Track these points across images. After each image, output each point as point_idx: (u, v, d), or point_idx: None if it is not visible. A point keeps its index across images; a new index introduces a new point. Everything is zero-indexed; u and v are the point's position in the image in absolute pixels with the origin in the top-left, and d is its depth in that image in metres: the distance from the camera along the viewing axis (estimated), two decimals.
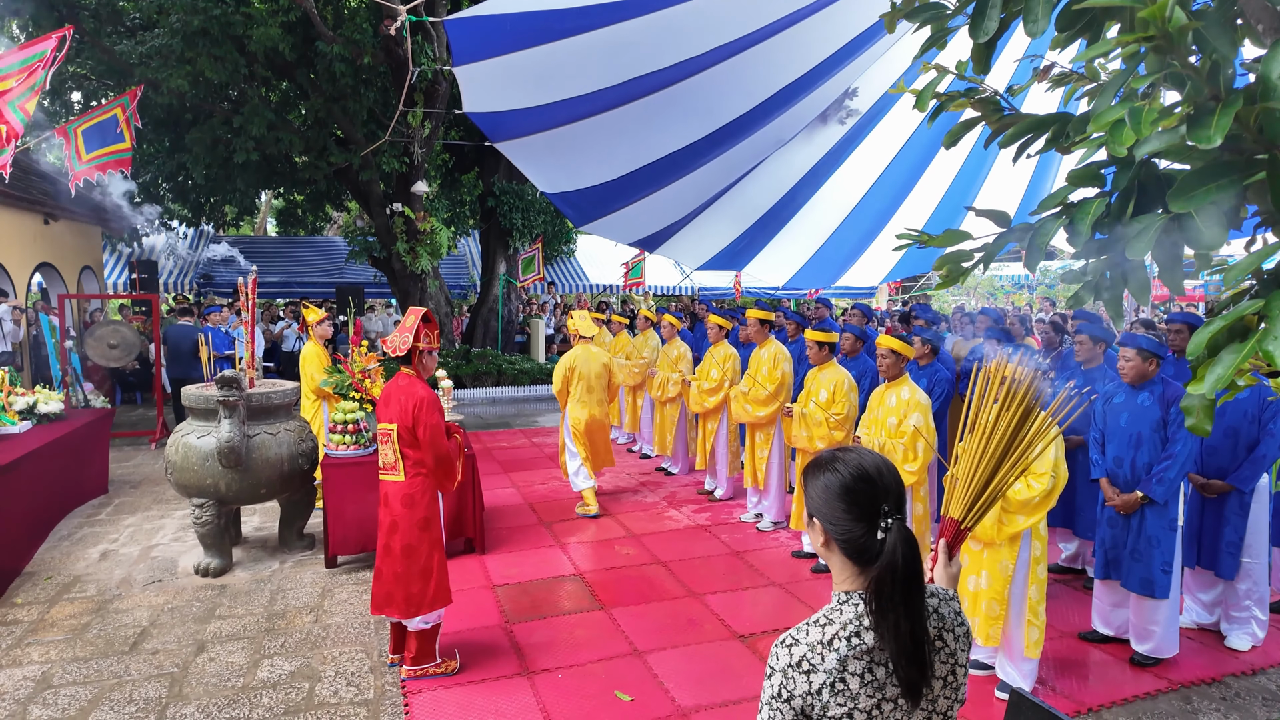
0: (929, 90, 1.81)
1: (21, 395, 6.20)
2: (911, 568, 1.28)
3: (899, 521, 1.31)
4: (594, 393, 6.30)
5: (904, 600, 1.27)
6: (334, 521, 5.06)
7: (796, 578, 5.03)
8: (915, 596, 1.28)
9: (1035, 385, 1.56)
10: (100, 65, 10.90)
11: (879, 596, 1.28)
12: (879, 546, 1.31)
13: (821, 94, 6.11)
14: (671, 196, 7.25)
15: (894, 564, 1.27)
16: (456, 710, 3.47)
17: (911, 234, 1.60)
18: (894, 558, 1.28)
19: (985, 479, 1.57)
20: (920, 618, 1.28)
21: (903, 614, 1.26)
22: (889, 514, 1.31)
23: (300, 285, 16.24)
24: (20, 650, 4.02)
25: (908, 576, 1.27)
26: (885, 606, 1.27)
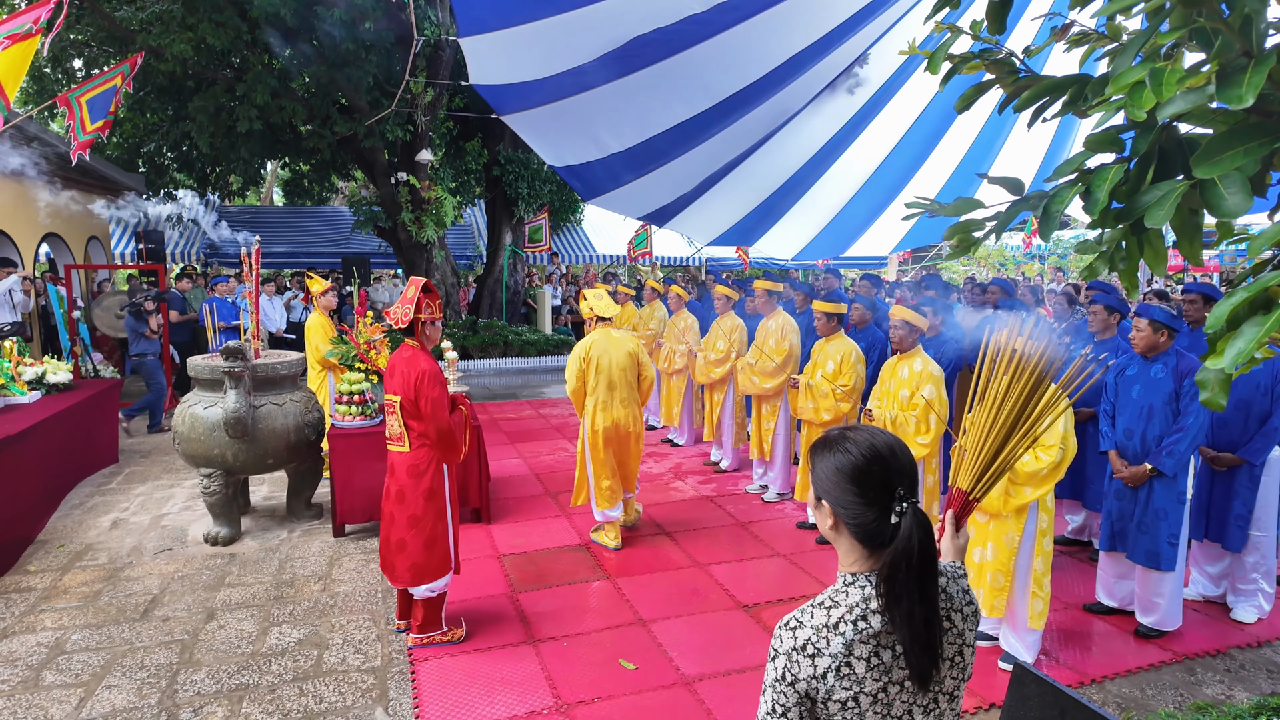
0: (942, 51, 1.75)
1: (31, 365, 6.24)
2: (926, 554, 1.24)
3: (914, 505, 1.27)
4: (617, 390, 4.90)
5: (919, 587, 1.23)
6: (341, 491, 5.10)
7: (801, 549, 5.04)
8: (929, 583, 1.25)
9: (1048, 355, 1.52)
10: (100, 32, 10.76)
11: (892, 583, 1.25)
12: (892, 531, 1.26)
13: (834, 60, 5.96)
14: (681, 170, 7.13)
15: (909, 550, 1.23)
16: (463, 677, 3.50)
17: (922, 202, 1.55)
18: (909, 544, 1.23)
19: (994, 450, 1.54)
20: (934, 605, 1.25)
21: (917, 601, 1.23)
22: (903, 497, 1.27)
23: (307, 255, 16.20)
24: (34, 617, 4.08)
25: (923, 562, 1.24)
26: (899, 593, 1.24)
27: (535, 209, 14.34)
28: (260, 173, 15.73)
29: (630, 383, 4.96)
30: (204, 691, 3.40)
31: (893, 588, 1.24)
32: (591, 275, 19.12)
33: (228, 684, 3.46)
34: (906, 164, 6.76)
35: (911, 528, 1.24)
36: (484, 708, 3.28)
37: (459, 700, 3.33)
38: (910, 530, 1.24)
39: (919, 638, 1.23)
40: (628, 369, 4.95)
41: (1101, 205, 1.38)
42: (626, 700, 3.34)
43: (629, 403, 4.96)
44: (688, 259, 19.18)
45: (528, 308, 15.57)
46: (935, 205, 1.53)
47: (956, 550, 1.53)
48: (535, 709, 3.27)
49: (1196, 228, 1.46)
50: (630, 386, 4.97)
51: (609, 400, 4.92)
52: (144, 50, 9.08)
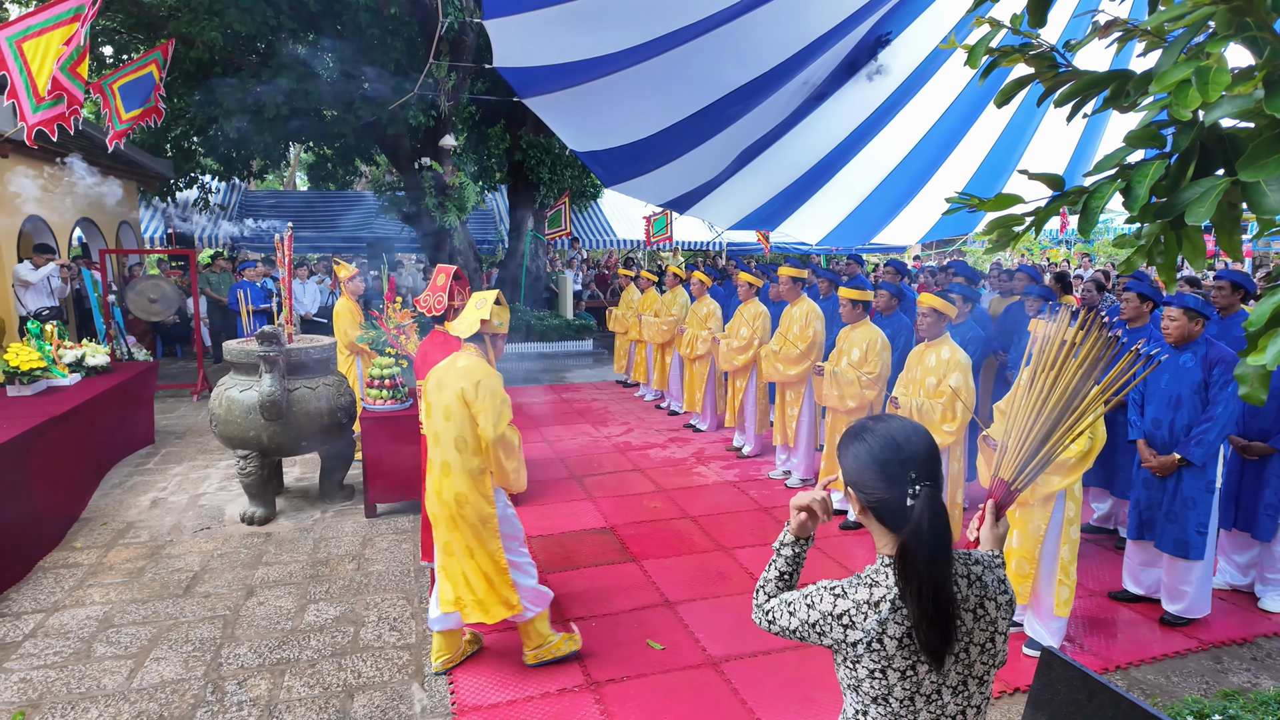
0: (981, 46, 1.76)
1: (70, 348, 6.40)
2: (937, 534, 1.30)
3: (928, 489, 1.33)
4: (441, 443, 3.23)
5: (928, 566, 1.29)
6: (373, 472, 5.21)
7: (825, 534, 5.09)
8: (940, 563, 1.30)
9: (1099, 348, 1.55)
10: (130, 18, 10.89)
11: (903, 561, 1.32)
12: (908, 514, 1.34)
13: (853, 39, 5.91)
14: (703, 156, 7.13)
15: (919, 530, 1.30)
16: (495, 656, 3.60)
17: (962, 198, 1.57)
18: (919, 525, 1.31)
19: (1039, 441, 1.57)
20: (944, 584, 1.30)
21: (926, 579, 1.29)
22: (916, 481, 1.34)
23: (331, 240, 16.37)
24: (82, 591, 4.23)
25: (932, 543, 1.30)
26: (909, 572, 1.31)
27: (557, 194, 14.36)
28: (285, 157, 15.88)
29: (459, 434, 3.20)
30: (247, 665, 3.52)
31: (905, 566, 1.31)
32: (613, 260, 19.14)
33: (269, 658, 3.58)
34: (934, 154, 6.71)
35: (923, 510, 1.31)
36: (517, 685, 3.37)
37: (492, 678, 3.42)
38: (921, 512, 1.31)
39: (927, 614, 1.29)
40: (452, 412, 3.20)
41: (1142, 201, 1.39)
42: (655, 679, 3.42)
43: (453, 471, 3.22)
44: (707, 244, 19.13)
45: (549, 293, 15.64)
46: (975, 200, 1.55)
47: (995, 539, 1.57)
48: (566, 686, 3.36)
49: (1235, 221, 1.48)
50: (459, 438, 3.20)
51: (434, 453, 3.30)
52: (174, 37, 9.19)
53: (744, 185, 7.80)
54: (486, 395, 3.19)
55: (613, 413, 8.63)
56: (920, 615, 1.30)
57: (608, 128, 6.65)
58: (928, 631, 1.30)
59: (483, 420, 3.17)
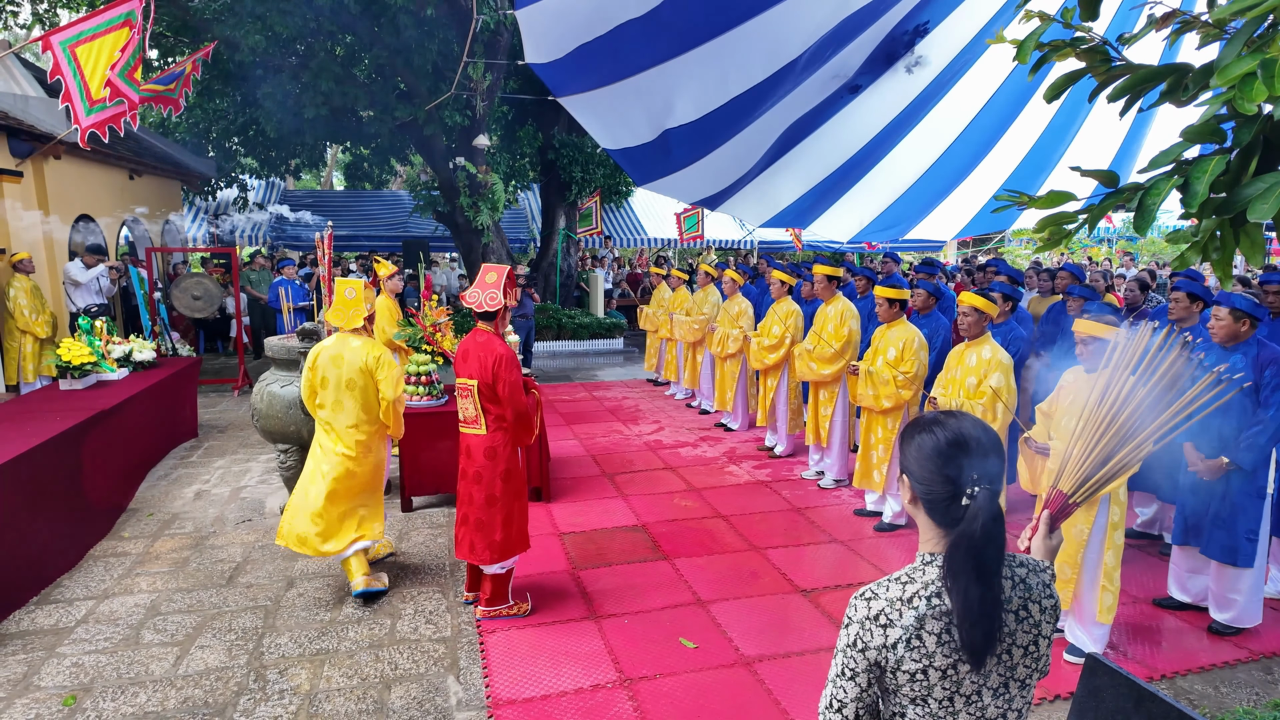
0: (1031, 40, 1.73)
1: (119, 344, 6.59)
2: (990, 537, 1.28)
3: (986, 490, 1.31)
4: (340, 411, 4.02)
5: (976, 567, 1.27)
6: (409, 468, 5.29)
7: (859, 535, 5.04)
8: (989, 564, 1.28)
9: (1177, 367, 1.50)
10: (175, 22, 11.17)
11: (951, 560, 1.30)
12: (962, 512, 1.32)
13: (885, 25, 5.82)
14: (735, 153, 7.09)
15: (972, 531, 1.28)
16: (529, 650, 3.63)
17: (1012, 195, 1.54)
18: (973, 525, 1.28)
19: (1105, 455, 1.53)
20: (992, 586, 1.28)
21: (973, 579, 1.27)
22: (977, 482, 1.32)
23: (367, 239, 16.62)
24: (131, 579, 4.36)
25: (984, 545, 1.27)
26: (956, 570, 1.29)
27: (588, 192, 14.42)
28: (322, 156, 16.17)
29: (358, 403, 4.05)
30: (288, 654, 3.60)
31: (951, 564, 1.30)
32: (644, 258, 19.15)
33: (309, 648, 3.66)
34: (974, 149, 6.58)
35: (978, 511, 1.29)
36: (551, 679, 3.40)
37: (526, 672, 3.46)
38: (977, 513, 1.29)
39: (970, 613, 1.28)
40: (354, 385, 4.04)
41: (1201, 198, 1.36)
42: (688, 677, 3.42)
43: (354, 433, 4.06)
44: (738, 242, 19.04)
45: (580, 291, 15.71)
46: (1025, 198, 1.53)
47: (1048, 550, 1.54)
48: (600, 682, 3.37)
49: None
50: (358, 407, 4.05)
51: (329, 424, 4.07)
52: (217, 40, 9.40)
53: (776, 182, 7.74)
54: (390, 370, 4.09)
55: (644, 411, 8.64)
56: (964, 614, 1.28)
57: (639, 125, 6.64)
58: (970, 631, 1.28)
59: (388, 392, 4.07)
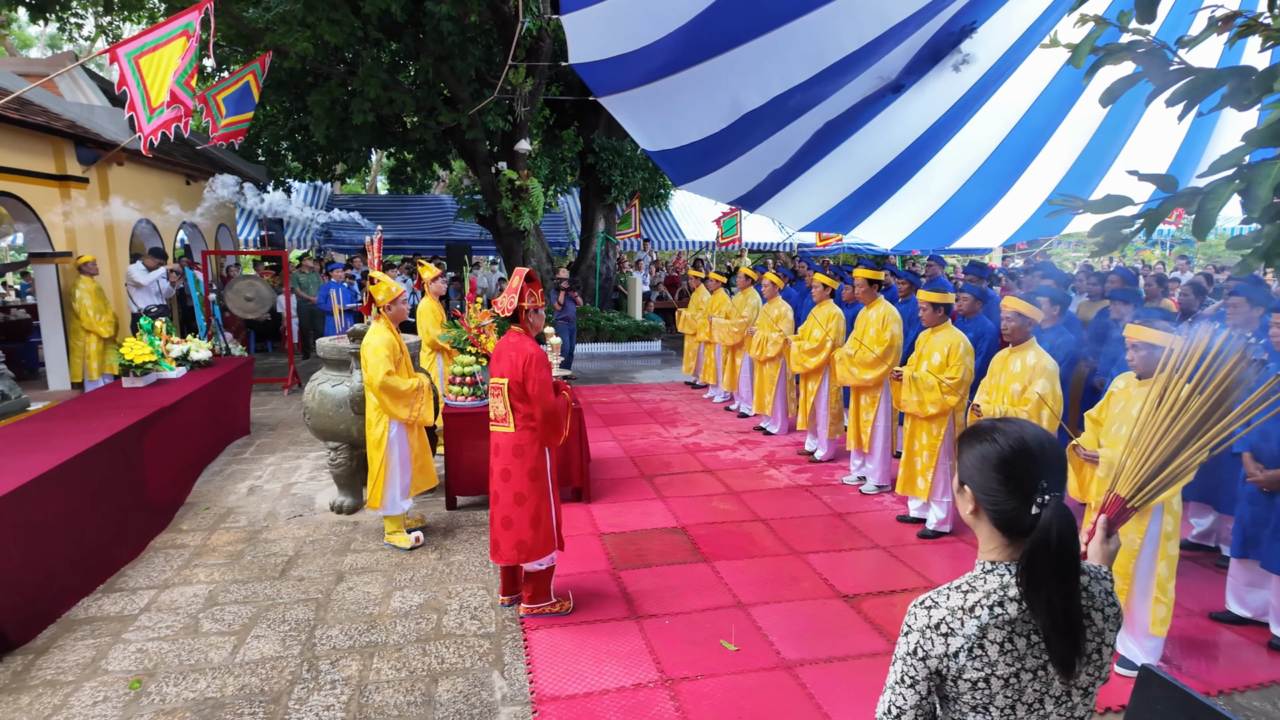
0: (1086, 44, 1.72)
1: (177, 344, 6.85)
2: (1066, 546, 1.27)
3: (1057, 499, 1.29)
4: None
5: (1056, 577, 1.26)
6: (453, 466, 5.40)
7: (901, 542, 4.99)
8: (1068, 574, 1.27)
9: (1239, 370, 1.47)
10: (230, 31, 11.55)
11: (1030, 572, 1.28)
12: (1031, 521, 1.30)
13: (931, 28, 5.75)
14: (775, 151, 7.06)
15: (1047, 541, 1.26)
16: (572, 648, 3.69)
17: (1066, 200, 1.54)
18: (1048, 535, 1.26)
19: (1163, 460, 1.52)
20: (1074, 595, 1.28)
21: (1055, 590, 1.26)
22: (1046, 490, 1.30)
23: (411, 242, 16.95)
24: (189, 570, 4.53)
25: (1060, 554, 1.26)
26: (1037, 582, 1.27)
27: (628, 196, 14.51)
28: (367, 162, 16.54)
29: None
30: (339, 646, 3.71)
31: (1031, 576, 1.28)
32: (681, 261, 19.17)
33: (359, 641, 3.76)
34: (1022, 151, 6.45)
35: (1051, 520, 1.27)
36: (593, 677, 3.44)
37: (569, 669, 3.51)
38: (1050, 522, 1.27)
39: (1058, 625, 1.27)
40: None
41: (1264, 203, 1.34)
42: (729, 679, 3.44)
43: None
44: (778, 245, 18.95)
45: (619, 294, 15.79)
46: (1080, 202, 1.52)
47: (1105, 556, 1.53)
48: (641, 681, 3.41)
49: None
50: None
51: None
52: (270, 49, 9.70)
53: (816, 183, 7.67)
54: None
55: (682, 414, 8.66)
56: (1050, 626, 1.27)
57: (679, 125, 6.66)
58: (1059, 642, 1.28)
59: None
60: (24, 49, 24.91)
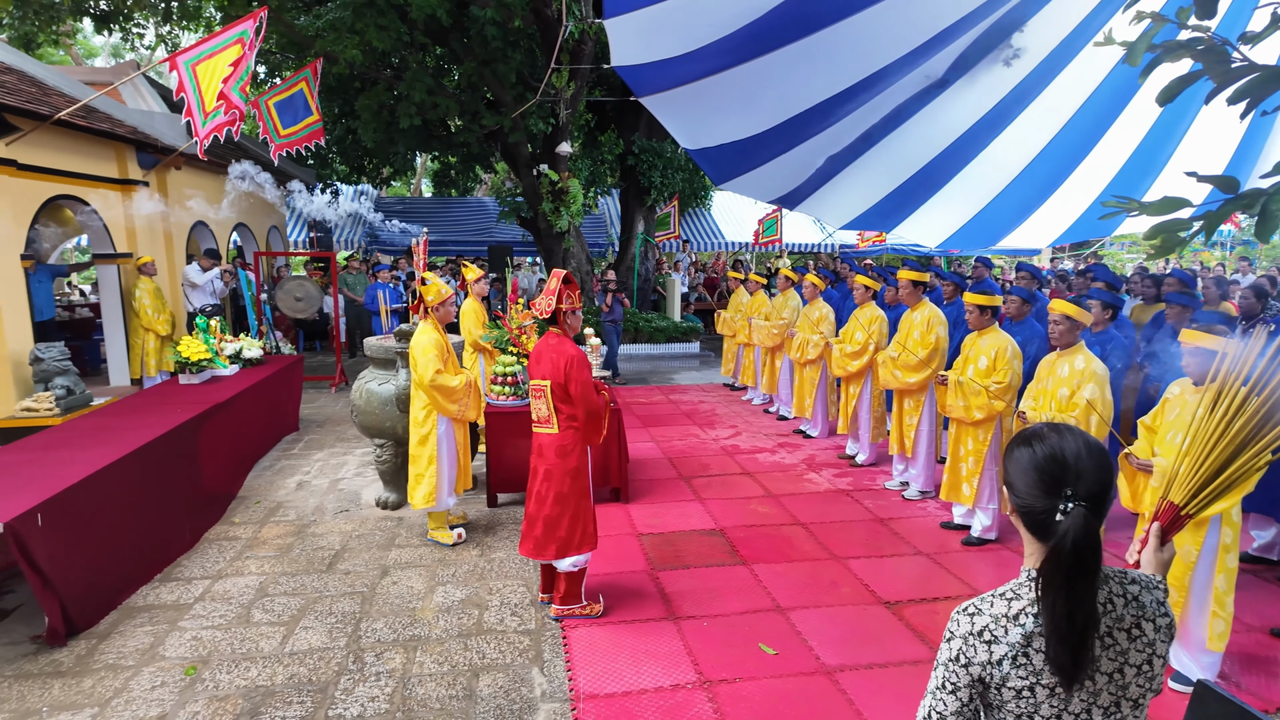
0: (1143, 42, 1.68)
1: (230, 342, 7.07)
2: (1081, 555, 1.27)
3: (1082, 509, 1.29)
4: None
5: (1065, 584, 1.26)
6: (495, 464, 5.48)
7: (945, 549, 4.91)
8: (1080, 583, 1.27)
9: None
10: (282, 39, 11.89)
11: (1043, 575, 1.29)
12: (1056, 528, 1.30)
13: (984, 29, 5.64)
14: (816, 149, 7.00)
15: (1062, 548, 1.27)
16: (610, 646, 3.71)
17: (1121, 201, 1.51)
18: (1063, 542, 1.27)
19: (1219, 466, 1.48)
20: (1082, 606, 1.27)
21: (1062, 597, 1.26)
22: (1072, 498, 1.30)
23: (454, 244, 17.24)
24: (241, 562, 4.68)
25: (1075, 563, 1.26)
26: (1047, 586, 1.28)
27: (667, 197, 14.53)
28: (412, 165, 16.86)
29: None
30: (383, 639, 3.79)
31: (1043, 579, 1.29)
32: (721, 263, 19.11)
33: (403, 634, 3.84)
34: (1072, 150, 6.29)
35: (1069, 528, 1.27)
36: (631, 677, 3.46)
37: (607, 668, 3.53)
38: (1068, 529, 1.27)
39: (1059, 631, 1.26)
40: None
41: None
42: (768, 683, 3.42)
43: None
44: (818, 245, 18.77)
45: (657, 295, 15.81)
46: (1135, 204, 1.48)
47: (1159, 564, 1.50)
48: (680, 682, 3.42)
49: None
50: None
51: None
52: (320, 56, 9.96)
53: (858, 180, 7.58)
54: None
55: (720, 415, 8.64)
56: (1052, 630, 1.28)
57: (720, 122, 6.65)
58: (1057, 648, 1.28)
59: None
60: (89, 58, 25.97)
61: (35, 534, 3.50)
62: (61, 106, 7.53)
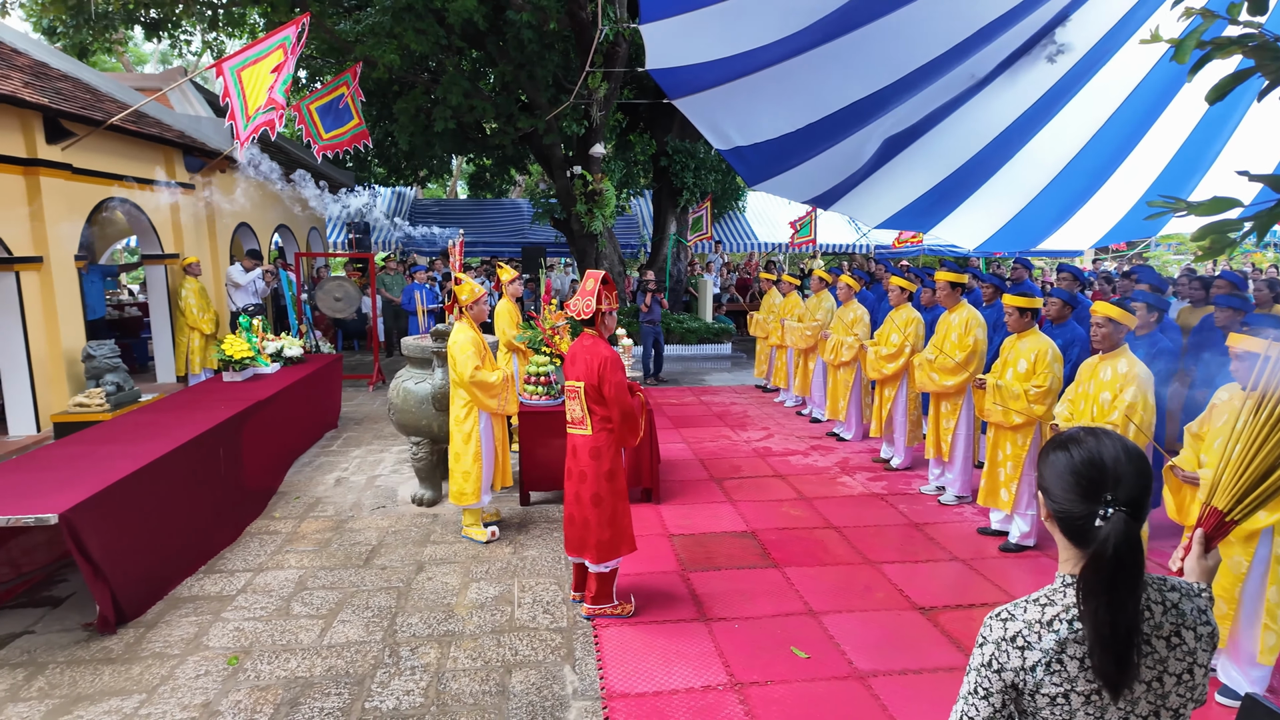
0: (1192, 39, 1.64)
1: (272, 341, 7.24)
2: (1123, 561, 1.24)
3: (1122, 515, 1.27)
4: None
5: (1107, 591, 1.24)
6: (528, 463, 5.53)
7: (981, 555, 4.83)
8: (1122, 591, 1.24)
9: None
10: (323, 45, 12.14)
11: (1083, 582, 1.27)
12: (1096, 534, 1.28)
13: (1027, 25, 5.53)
14: (851, 148, 6.91)
15: (1103, 554, 1.25)
16: (641, 646, 3.72)
17: (1168, 201, 1.47)
18: (1104, 547, 1.25)
19: (1265, 470, 1.44)
20: (1125, 612, 1.24)
21: (1104, 604, 1.24)
22: (1112, 503, 1.28)
23: (489, 245, 17.44)
24: (281, 556, 4.79)
25: (1115, 570, 1.24)
26: (1088, 593, 1.26)
27: (700, 198, 14.51)
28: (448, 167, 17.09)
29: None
30: (418, 634, 3.86)
31: (1083, 588, 1.27)
32: (753, 264, 19.02)
33: (437, 629, 3.90)
34: (1115, 148, 6.13)
35: (1110, 534, 1.25)
36: (662, 677, 3.47)
37: (638, 668, 3.54)
38: (1109, 535, 1.25)
39: (1102, 639, 1.24)
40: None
41: None
42: (800, 686, 3.40)
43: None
44: (852, 246, 18.58)
45: (689, 296, 15.79)
46: (1183, 204, 1.45)
47: (1203, 572, 1.47)
48: (711, 684, 3.41)
49: None
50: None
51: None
52: (360, 60, 10.15)
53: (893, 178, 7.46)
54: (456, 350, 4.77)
55: (752, 417, 8.60)
56: (1095, 640, 1.25)
57: (753, 123, 6.60)
58: (1101, 657, 1.25)
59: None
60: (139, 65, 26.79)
61: (88, 525, 3.63)
62: (113, 112, 7.79)
